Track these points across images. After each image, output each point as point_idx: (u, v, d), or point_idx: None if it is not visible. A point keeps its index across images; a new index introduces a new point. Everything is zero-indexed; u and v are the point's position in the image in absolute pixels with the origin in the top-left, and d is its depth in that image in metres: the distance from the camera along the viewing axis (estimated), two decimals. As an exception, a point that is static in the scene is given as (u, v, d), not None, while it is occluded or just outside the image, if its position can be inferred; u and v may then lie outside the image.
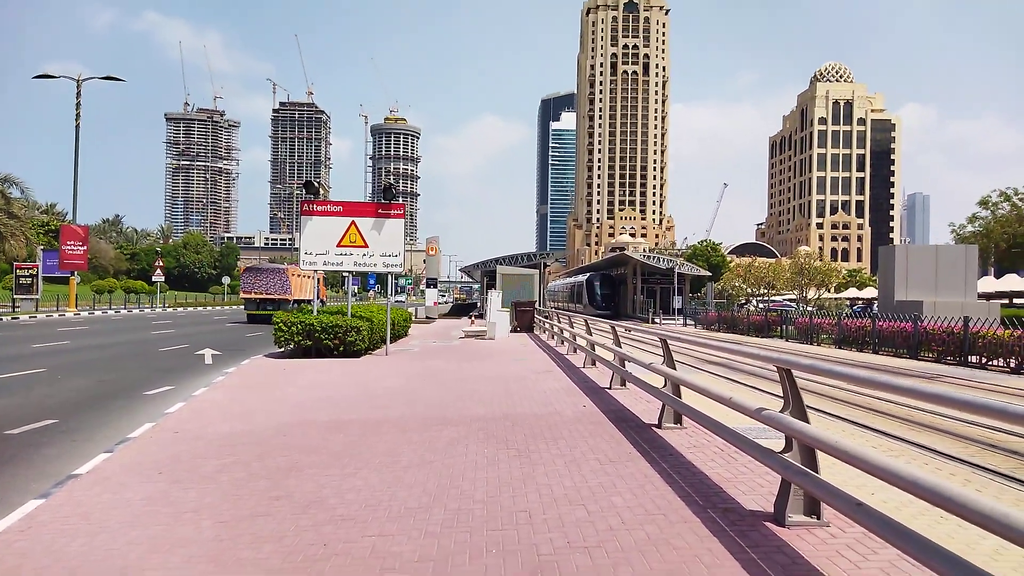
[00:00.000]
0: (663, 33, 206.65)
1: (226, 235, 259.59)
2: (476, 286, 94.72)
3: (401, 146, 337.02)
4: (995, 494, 5.99)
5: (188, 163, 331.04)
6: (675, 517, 4.91)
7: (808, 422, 4.65)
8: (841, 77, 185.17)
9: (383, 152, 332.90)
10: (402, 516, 4.98)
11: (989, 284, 46.04)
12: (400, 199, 38.31)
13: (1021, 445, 7.77)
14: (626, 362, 11.34)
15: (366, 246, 18.50)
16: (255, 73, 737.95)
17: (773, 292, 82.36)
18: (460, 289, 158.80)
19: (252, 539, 4.56)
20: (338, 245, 18.39)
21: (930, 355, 20.76)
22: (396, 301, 75.69)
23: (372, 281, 79.49)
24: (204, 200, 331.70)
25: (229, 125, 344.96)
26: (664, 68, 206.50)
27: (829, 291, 77.99)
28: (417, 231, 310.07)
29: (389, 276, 22.27)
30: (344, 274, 26.09)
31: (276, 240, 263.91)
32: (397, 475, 6.13)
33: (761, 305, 63.94)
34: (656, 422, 8.43)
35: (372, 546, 4.42)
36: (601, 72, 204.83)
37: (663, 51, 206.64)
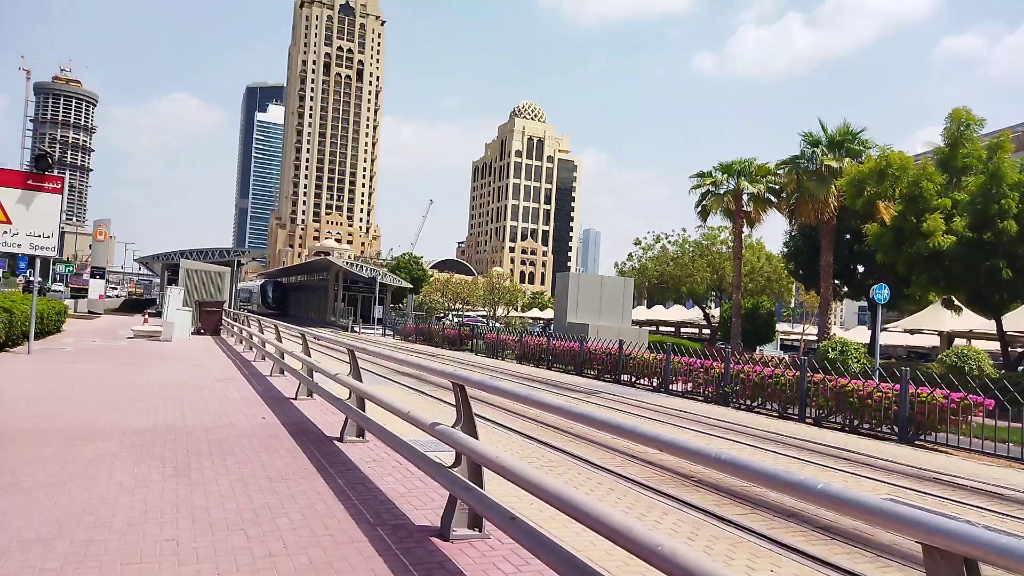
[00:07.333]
0: (378, 43, 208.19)
1: None
2: (157, 280, 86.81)
3: (72, 112, 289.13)
4: (631, 502, 6.86)
5: None
6: (343, 538, 4.75)
7: (477, 437, 4.81)
8: (535, 116, 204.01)
9: (49, 116, 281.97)
10: (11, 551, 4.10)
11: (642, 313, 54.04)
12: (61, 171, 33.11)
13: (655, 456, 9.07)
14: (314, 372, 10.95)
15: (9, 222, 15.63)
16: None
17: (468, 307, 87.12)
18: (136, 283, 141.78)
19: None
20: (-32, 218, 15.27)
21: (592, 372, 23.57)
22: (53, 291, 64.86)
23: (23, 265, 66.92)
24: None
25: None
26: (378, 78, 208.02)
27: (516, 309, 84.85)
28: (87, 211, 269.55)
29: (38, 261, 18.96)
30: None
31: None
32: (16, 501, 5.08)
33: (456, 319, 67.21)
34: (339, 435, 8.22)
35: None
36: (314, 70, 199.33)
37: (378, 60, 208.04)
